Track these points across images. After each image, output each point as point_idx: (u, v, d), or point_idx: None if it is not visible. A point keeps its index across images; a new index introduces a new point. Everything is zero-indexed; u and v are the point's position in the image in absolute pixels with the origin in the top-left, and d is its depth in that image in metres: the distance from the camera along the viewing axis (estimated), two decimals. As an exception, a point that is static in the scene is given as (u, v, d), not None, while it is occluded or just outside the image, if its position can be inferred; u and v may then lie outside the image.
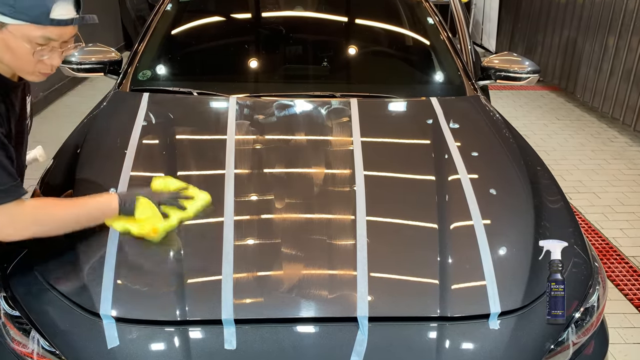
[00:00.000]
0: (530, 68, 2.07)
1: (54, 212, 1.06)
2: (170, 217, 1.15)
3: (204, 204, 1.19)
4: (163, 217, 1.14)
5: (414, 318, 1.08)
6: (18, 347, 1.11)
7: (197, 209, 1.18)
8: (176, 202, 1.16)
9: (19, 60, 0.99)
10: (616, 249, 2.54)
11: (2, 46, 0.97)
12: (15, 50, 0.97)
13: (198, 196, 1.19)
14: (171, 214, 1.16)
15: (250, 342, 1.03)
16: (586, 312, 1.19)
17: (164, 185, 1.20)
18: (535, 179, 1.47)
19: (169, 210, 1.16)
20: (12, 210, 1.00)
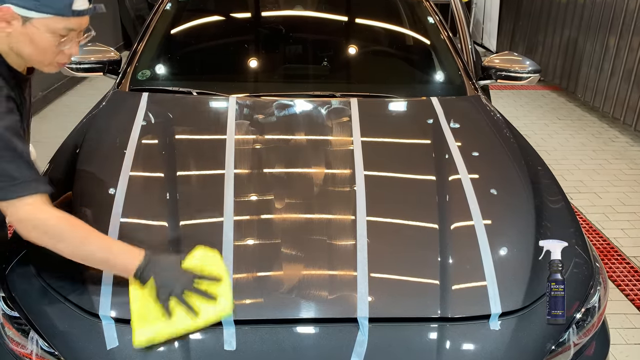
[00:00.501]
0: (531, 68, 2.06)
1: (77, 239, 0.99)
2: (172, 321, 0.98)
3: (222, 315, 1.00)
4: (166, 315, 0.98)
5: (414, 319, 1.08)
6: (17, 348, 1.11)
7: (209, 320, 0.99)
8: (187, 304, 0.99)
9: (42, 53, 1.02)
10: (617, 249, 2.53)
11: (26, 40, 1.00)
12: (39, 43, 1.00)
13: (220, 301, 0.99)
14: (174, 317, 0.98)
15: (250, 343, 1.02)
16: (587, 313, 1.19)
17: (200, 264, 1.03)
18: (536, 179, 1.47)
19: (177, 308, 0.98)
20: (33, 209, 0.96)
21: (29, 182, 0.97)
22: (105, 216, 1.23)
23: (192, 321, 0.99)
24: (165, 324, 0.99)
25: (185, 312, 0.99)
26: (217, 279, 1.04)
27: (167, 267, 1.03)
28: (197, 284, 1.02)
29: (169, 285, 1.01)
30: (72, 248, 1.00)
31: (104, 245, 1.02)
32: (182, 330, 0.99)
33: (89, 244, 1.00)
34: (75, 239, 1.00)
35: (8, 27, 0.99)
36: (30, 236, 0.99)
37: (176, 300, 1.00)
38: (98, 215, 1.25)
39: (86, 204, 1.29)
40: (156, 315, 0.99)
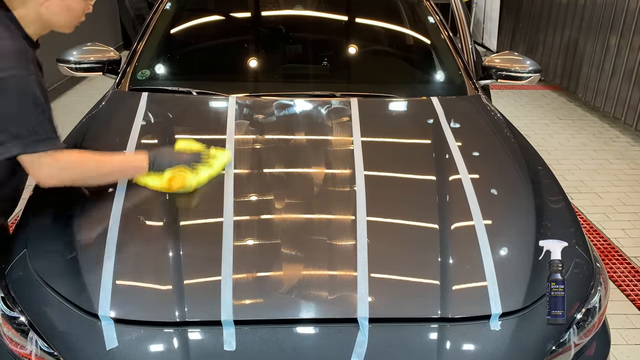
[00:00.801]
0: (532, 67, 2.06)
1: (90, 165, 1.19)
2: (199, 172, 1.28)
3: (227, 161, 1.35)
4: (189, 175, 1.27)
5: (414, 319, 1.07)
6: (16, 348, 1.10)
7: (221, 165, 1.33)
8: (200, 160, 1.30)
9: (74, 18, 1.19)
10: (618, 249, 2.53)
11: (63, 10, 1.16)
12: (75, 10, 1.18)
13: (218, 155, 1.33)
14: (199, 170, 1.29)
15: (250, 344, 1.02)
16: (588, 313, 1.18)
17: (187, 147, 1.33)
18: (537, 179, 1.47)
19: (197, 166, 1.29)
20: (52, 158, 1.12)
21: (50, 139, 1.11)
22: (104, 215, 1.22)
23: (212, 169, 1.31)
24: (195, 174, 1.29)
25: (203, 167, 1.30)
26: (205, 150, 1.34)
27: (168, 150, 1.32)
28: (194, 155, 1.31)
29: (180, 158, 1.29)
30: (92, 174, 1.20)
31: (117, 159, 1.27)
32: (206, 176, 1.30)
33: (107, 164, 1.22)
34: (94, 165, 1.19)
35: (46, 1, 1.13)
36: (52, 181, 1.16)
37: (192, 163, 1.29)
38: (97, 214, 1.25)
39: (85, 204, 1.28)
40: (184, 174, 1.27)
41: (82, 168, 1.17)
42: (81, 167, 1.17)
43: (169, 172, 1.26)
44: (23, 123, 1.07)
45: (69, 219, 1.23)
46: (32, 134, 1.08)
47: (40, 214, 1.28)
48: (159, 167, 1.26)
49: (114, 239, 1.17)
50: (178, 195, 1.30)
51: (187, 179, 1.26)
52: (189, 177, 1.26)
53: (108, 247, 1.15)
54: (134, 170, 1.26)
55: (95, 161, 1.20)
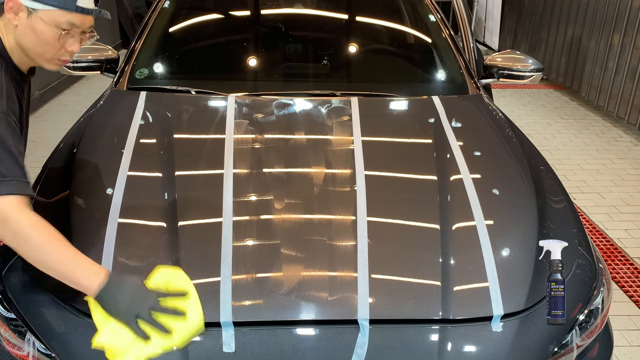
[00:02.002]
0: (534, 66, 2.05)
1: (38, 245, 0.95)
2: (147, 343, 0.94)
3: (195, 331, 0.96)
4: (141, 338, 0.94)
5: (415, 320, 1.06)
6: (13, 349, 1.10)
7: (184, 338, 0.95)
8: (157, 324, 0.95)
9: (44, 46, 1.06)
10: (621, 249, 2.51)
11: (29, 32, 1.04)
12: (41, 35, 1.05)
13: (190, 317, 0.96)
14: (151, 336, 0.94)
15: (249, 345, 1.01)
16: (590, 314, 1.17)
17: (164, 283, 1.00)
18: (539, 179, 1.46)
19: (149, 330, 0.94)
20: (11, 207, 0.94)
21: (15, 181, 0.96)
22: (102, 216, 1.22)
23: (167, 340, 0.95)
24: (141, 347, 0.94)
25: (157, 333, 0.94)
26: (182, 293, 0.99)
27: (131, 288, 0.98)
28: (163, 302, 0.97)
29: (134, 307, 0.96)
30: (33, 253, 0.96)
31: (67, 257, 0.96)
32: (158, 352, 0.94)
33: (51, 253, 0.96)
34: (38, 245, 0.95)
35: (15, 18, 1.04)
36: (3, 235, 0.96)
37: (144, 322, 0.95)
38: (95, 215, 1.24)
39: (83, 204, 1.28)
40: (130, 340, 0.94)
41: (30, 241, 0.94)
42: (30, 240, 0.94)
43: (104, 330, 0.94)
44: None
45: (67, 220, 1.22)
46: None
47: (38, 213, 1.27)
48: (105, 303, 0.95)
49: (112, 240, 1.16)
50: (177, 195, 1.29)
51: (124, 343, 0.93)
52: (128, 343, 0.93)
53: (106, 248, 1.14)
54: (79, 286, 0.96)
55: (45, 244, 0.95)
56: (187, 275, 1.02)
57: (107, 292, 0.95)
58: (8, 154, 0.97)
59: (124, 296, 0.96)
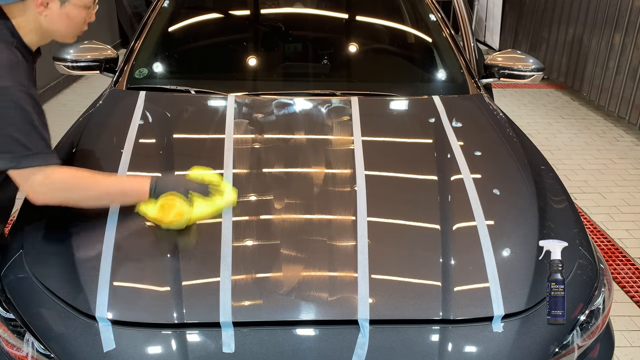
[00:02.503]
0: (535, 66, 2.04)
1: (87, 184, 1.12)
2: (192, 208, 1.15)
3: (230, 201, 1.21)
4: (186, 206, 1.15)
5: (415, 321, 1.06)
6: (12, 350, 1.10)
7: (221, 206, 1.18)
8: (206, 193, 1.18)
9: (73, 27, 1.17)
10: (622, 250, 2.51)
11: (64, 19, 1.14)
12: (75, 19, 1.16)
13: (225, 194, 1.19)
14: (195, 204, 1.15)
15: (249, 345, 1.01)
16: (591, 315, 1.17)
17: (200, 176, 1.22)
18: (540, 179, 1.45)
19: (195, 199, 1.16)
20: (44, 174, 1.07)
21: (41, 154, 1.06)
22: (101, 216, 1.21)
23: (209, 206, 1.17)
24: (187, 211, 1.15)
25: (202, 200, 1.16)
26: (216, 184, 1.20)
27: (174, 177, 1.25)
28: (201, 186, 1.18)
29: (180, 185, 1.16)
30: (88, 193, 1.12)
31: (115, 180, 1.19)
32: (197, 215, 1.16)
33: (104, 185, 1.14)
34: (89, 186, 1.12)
35: (45, 10, 1.12)
36: (44, 199, 1.10)
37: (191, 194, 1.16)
38: (94, 215, 1.23)
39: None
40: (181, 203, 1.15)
41: (75, 188, 1.10)
42: (75, 186, 1.10)
43: (162, 198, 1.13)
44: (12, 137, 1.03)
45: (66, 220, 1.22)
46: (21, 149, 1.04)
47: (37, 214, 1.27)
48: (159, 194, 1.14)
49: (112, 240, 1.16)
50: None
51: (176, 210, 1.12)
52: (180, 209, 1.12)
53: (105, 248, 1.14)
54: (134, 195, 1.14)
55: (91, 181, 1.12)
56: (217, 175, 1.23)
57: (158, 184, 1.15)
58: (32, 127, 1.05)
59: (171, 180, 1.20)
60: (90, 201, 1.14)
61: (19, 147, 1.04)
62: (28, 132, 1.04)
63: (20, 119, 1.04)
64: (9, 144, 1.03)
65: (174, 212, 1.12)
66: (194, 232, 1.21)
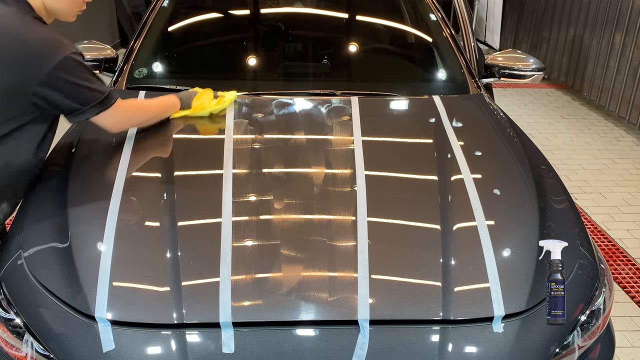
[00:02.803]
0: (535, 66, 2.04)
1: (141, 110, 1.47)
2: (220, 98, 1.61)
3: (233, 98, 1.66)
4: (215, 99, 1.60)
5: (416, 321, 1.06)
6: (11, 350, 1.09)
7: (229, 100, 1.65)
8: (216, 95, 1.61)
9: (74, 5, 1.31)
10: (622, 250, 2.50)
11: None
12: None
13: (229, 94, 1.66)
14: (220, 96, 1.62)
15: (249, 346, 1.01)
16: (592, 315, 1.17)
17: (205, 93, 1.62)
18: (540, 179, 1.45)
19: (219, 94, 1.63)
20: (121, 107, 1.35)
21: (111, 92, 1.32)
22: (101, 216, 1.21)
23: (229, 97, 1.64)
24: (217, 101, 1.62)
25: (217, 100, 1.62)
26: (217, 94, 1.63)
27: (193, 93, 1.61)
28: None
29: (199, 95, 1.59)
30: (147, 114, 1.49)
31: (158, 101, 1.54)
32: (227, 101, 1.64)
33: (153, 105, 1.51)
34: (146, 108, 1.49)
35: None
36: (121, 127, 1.42)
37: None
38: (94, 215, 1.23)
39: (82, 204, 1.27)
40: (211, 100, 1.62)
41: (139, 112, 1.44)
42: (138, 111, 1.44)
43: (196, 100, 1.58)
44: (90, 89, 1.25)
45: (65, 220, 1.22)
46: (100, 94, 1.28)
47: (36, 214, 1.27)
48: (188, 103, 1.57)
49: (111, 239, 1.15)
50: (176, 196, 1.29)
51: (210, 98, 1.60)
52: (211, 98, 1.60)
53: (105, 248, 1.14)
54: (172, 107, 1.55)
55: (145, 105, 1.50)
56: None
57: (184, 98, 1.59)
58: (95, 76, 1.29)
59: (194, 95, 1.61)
60: (148, 122, 1.49)
61: (98, 93, 1.27)
62: (96, 80, 1.29)
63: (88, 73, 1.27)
64: (92, 94, 1.26)
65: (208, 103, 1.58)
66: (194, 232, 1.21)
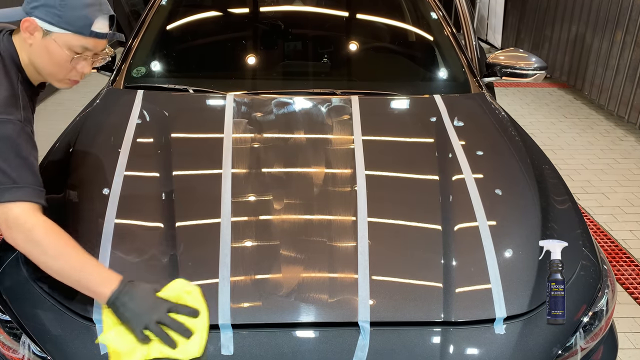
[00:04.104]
0: (537, 64, 2.02)
1: (56, 253, 0.97)
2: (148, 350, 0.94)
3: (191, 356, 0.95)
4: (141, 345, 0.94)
5: (417, 323, 1.05)
6: (8, 352, 1.09)
7: (187, 355, 0.95)
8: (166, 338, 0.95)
9: (56, 66, 1.08)
10: (625, 251, 2.49)
11: (43, 52, 1.06)
12: (55, 57, 1.07)
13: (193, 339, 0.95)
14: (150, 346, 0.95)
15: (248, 348, 1.00)
16: (595, 317, 1.16)
17: (176, 295, 0.99)
18: (542, 179, 1.44)
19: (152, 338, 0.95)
20: (28, 216, 0.97)
21: (28, 187, 0.99)
22: (99, 217, 1.20)
23: (169, 350, 0.95)
24: (144, 352, 0.95)
25: (160, 342, 0.95)
26: (194, 311, 0.97)
27: (142, 295, 0.97)
28: (173, 316, 0.96)
29: (143, 316, 0.95)
30: (45, 259, 0.97)
31: (80, 263, 0.97)
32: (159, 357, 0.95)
33: (64, 259, 0.97)
34: (51, 251, 0.97)
35: (30, 37, 1.06)
36: (15, 240, 0.98)
37: (150, 331, 0.95)
38: (92, 216, 1.23)
39: (80, 204, 1.27)
40: (132, 344, 0.95)
41: (43, 248, 0.96)
42: (44, 246, 0.96)
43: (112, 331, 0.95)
44: (3, 169, 0.97)
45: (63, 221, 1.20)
46: (7, 180, 0.97)
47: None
48: (116, 309, 0.95)
49: (109, 241, 1.15)
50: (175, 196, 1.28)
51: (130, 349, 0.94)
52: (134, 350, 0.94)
53: (102, 250, 1.13)
54: (92, 293, 0.98)
55: (58, 250, 0.97)
56: (202, 297, 1.00)
57: (118, 299, 0.95)
58: (23, 161, 1.00)
59: (134, 304, 0.95)
60: (49, 270, 0.98)
61: (6, 178, 0.97)
62: (17, 166, 0.99)
63: (11, 152, 0.99)
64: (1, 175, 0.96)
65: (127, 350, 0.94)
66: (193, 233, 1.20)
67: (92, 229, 1.18)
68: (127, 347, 0.94)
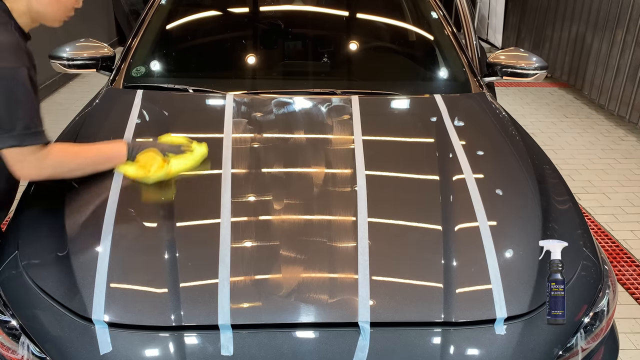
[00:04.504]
0: (538, 64, 2.02)
1: (73, 157, 1.22)
2: (170, 162, 1.28)
3: (201, 156, 1.35)
4: (163, 162, 1.27)
5: (417, 323, 1.05)
6: (7, 353, 1.09)
7: (195, 159, 1.33)
8: (178, 152, 1.32)
9: (63, 10, 1.21)
10: (626, 251, 2.48)
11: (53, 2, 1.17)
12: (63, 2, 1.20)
13: (196, 150, 1.34)
14: (172, 160, 1.29)
15: (248, 348, 1.00)
16: (595, 317, 1.16)
17: (169, 139, 1.37)
18: (543, 179, 1.43)
19: (170, 156, 1.30)
20: (39, 152, 1.13)
21: (40, 133, 1.13)
22: (99, 217, 1.20)
23: (185, 160, 1.31)
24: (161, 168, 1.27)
25: (176, 157, 1.31)
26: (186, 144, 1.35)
27: (147, 143, 1.31)
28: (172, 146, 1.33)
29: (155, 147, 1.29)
30: (75, 165, 1.22)
31: (95, 149, 1.28)
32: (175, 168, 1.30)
33: (86, 155, 1.25)
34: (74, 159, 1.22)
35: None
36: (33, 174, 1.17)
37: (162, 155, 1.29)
38: (91, 216, 1.23)
39: (79, 204, 1.26)
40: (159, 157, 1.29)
41: (64, 162, 1.19)
42: (64, 161, 1.19)
43: (140, 156, 1.27)
44: (16, 116, 1.08)
45: (62, 221, 1.21)
46: (24, 128, 1.09)
47: (33, 215, 1.26)
48: (136, 155, 1.28)
49: (108, 241, 1.15)
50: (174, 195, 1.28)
51: (156, 163, 1.25)
52: (160, 162, 1.26)
53: (102, 250, 1.13)
54: (114, 159, 1.27)
55: (75, 154, 1.23)
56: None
57: (134, 146, 1.29)
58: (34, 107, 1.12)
59: (145, 143, 1.31)
60: (77, 172, 1.23)
61: (23, 125, 1.08)
62: (31, 112, 1.10)
63: (24, 98, 1.09)
64: (14, 122, 1.07)
65: (155, 166, 1.25)
66: (192, 233, 1.20)
67: (91, 230, 1.18)
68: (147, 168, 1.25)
